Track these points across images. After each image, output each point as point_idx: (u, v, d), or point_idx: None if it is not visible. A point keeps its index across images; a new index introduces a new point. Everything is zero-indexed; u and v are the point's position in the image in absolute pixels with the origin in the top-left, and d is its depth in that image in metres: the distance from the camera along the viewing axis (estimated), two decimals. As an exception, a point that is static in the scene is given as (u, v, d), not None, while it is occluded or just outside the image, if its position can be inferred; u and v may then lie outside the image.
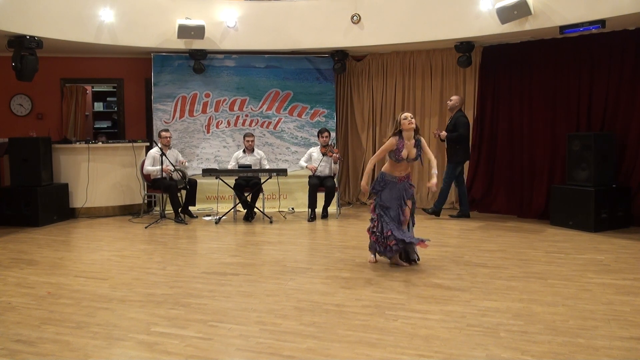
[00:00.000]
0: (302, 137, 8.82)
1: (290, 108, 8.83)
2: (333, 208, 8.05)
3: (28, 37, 6.94)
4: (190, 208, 8.08)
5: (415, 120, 5.02)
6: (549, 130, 7.57)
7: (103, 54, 8.77)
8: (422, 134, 5.14)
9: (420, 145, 5.00)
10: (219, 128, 8.76)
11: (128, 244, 6.25)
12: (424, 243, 4.98)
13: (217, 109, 8.74)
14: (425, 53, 8.67)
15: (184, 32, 7.86)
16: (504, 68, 7.99)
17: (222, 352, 3.22)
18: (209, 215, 8.06)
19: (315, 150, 8.00)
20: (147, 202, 8.11)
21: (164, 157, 7.44)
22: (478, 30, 7.40)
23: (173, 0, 8.09)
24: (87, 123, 10.11)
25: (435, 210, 7.64)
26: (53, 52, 8.13)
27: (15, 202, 7.38)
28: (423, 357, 3.10)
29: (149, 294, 4.29)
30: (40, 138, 7.62)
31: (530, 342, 3.27)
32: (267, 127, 8.81)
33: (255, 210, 7.79)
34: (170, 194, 7.62)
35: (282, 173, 7.44)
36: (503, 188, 8.06)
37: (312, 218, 7.68)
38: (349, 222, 7.57)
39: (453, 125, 7.57)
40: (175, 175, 7.74)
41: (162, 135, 7.84)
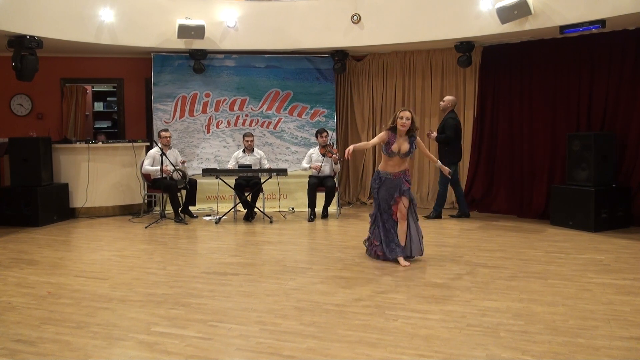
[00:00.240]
0: (302, 137, 8.82)
1: (291, 108, 8.83)
2: (333, 208, 8.05)
3: (28, 37, 6.95)
4: (191, 208, 8.08)
5: (415, 118, 5.08)
6: (549, 130, 7.57)
7: (103, 54, 8.78)
8: (418, 134, 5.22)
9: (415, 143, 5.09)
10: (219, 128, 8.76)
11: (128, 244, 6.25)
12: (405, 262, 5.06)
13: (217, 109, 8.74)
14: (425, 53, 8.67)
15: (184, 32, 7.86)
16: (504, 68, 7.99)
17: (222, 352, 3.22)
18: (209, 215, 8.06)
19: (315, 152, 7.98)
20: (147, 202, 8.11)
21: (164, 157, 7.45)
22: (478, 30, 7.40)
23: (173, 0, 8.09)
24: (87, 123, 10.12)
25: (436, 215, 7.65)
26: (53, 52, 8.13)
27: (15, 202, 7.38)
28: (423, 357, 3.10)
29: (149, 294, 4.29)
30: (40, 138, 7.62)
31: (530, 342, 3.27)
32: (267, 127, 8.81)
33: (256, 210, 7.79)
34: (170, 194, 7.62)
35: (282, 173, 7.44)
36: (503, 188, 8.07)
37: (312, 218, 7.68)
38: (349, 222, 7.57)
39: (442, 127, 7.59)
40: (176, 175, 7.74)
41: (161, 135, 7.84)
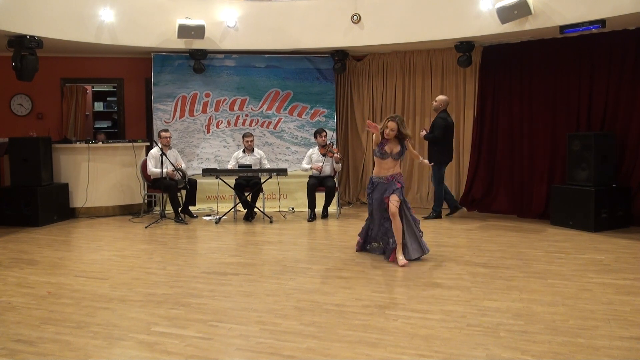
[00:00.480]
0: (302, 137, 8.82)
1: (291, 108, 8.83)
2: (333, 208, 8.05)
3: (28, 37, 6.94)
4: (191, 208, 8.08)
5: (404, 127, 5.17)
6: (549, 130, 7.57)
7: (103, 54, 8.77)
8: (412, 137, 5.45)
9: (405, 143, 5.23)
10: (219, 128, 8.76)
11: (128, 244, 6.25)
12: (403, 260, 5.07)
13: (217, 109, 8.74)
14: (425, 53, 8.67)
15: (184, 32, 7.86)
16: (504, 68, 7.99)
17: (222, 352, 3.22)
18: (209, 215, 8.06)
19: (315, 152, 7.97)
20: (147, 202, 8.11)
21: (164, 157, 7.45)
22: (478, 30, 7.40)
23: (173, 0, 8.09)
24: (87, 123, 10.11)
25: (436, 215, 7.65)
26: (53, 52, 8.13)
27: (15, 202, 7.38)
28: (423, 357, 3.10)
29: (149, 294, 4.29)
30: (40, 138, 7.62)
31: (530, 342, 3.27)
32: (267, 127, 8.81)
33: (256, 210, 7.79)
34: (170, 194, 7.62)
35: (282, 173, 7.44)
36: (503, 188, 8.06)
37: (311, 218, 7.68)
38: (349, 222, 7.57)
39: (432, 127, 7.58)
40: (176, 175, 7.74)
41: (162, 136, 7.84)
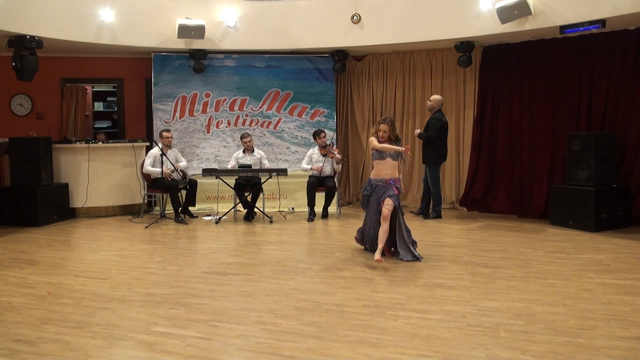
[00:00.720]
0: (302, 137, 8.82)
1: (291, 108, 8.83)
2: (333, 208, 8.05)
3: (28, 37, 6.94)
4: (191, 208, 8.07)
5: (394, 128, 5.33)
6: (549, 130, 7.57)
7: (103, 54, 8.77)
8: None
9: (401, 143, 5.34)
10: (219, 128, 8.76)
11: (128, 244, 6.25)
12: (378, 256, 5.08)
13: (217, 109, 8.74)
14: (425, 53, 8.66)
15: (184, 32, 7.86)
16: (504, 68, 7.99)
17: (222, 352, 3.22)
18: (209, 215, 8.06)
19: (315, 152, 7.97)
20: (147, 202, 8.11)
21: (164, 157, 7.44)
22: (478, 30, 7.40)
23: (173, 0, 8.09)
24: (87, 123, 10.11)
25: (436, 215, 7.65)
26: (53, 52, 8.12)
27: (15, 202, 7.38)
28: (423, 357, 3.10)
29: (149, 294, 4.29)
30: (40, 138, 7.62)
31: (530, 342, 3.28)
32: (267, 127, 8.80)
33: (256, 210, 7.79)
34: (171, 194, 7.62)
35: (282, 173, 7.43)
36: (503, 188, 8.06)
37: (311, 218, 7.68)
38: (349, 222, 7.57)
39: (427, 127, 7.59)
40: (176, 175, 7.74)
41: (163, 136, 7.84)
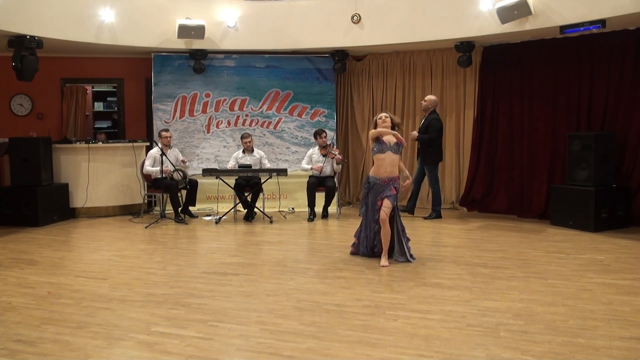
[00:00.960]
0: (302, 137, 8.82)
1: (291, 108, 8.82)
2: (333, 208, 8.05)
3: (28, 37, 6.94)
4: (191, 208, 8.07)
5: (393, 117, 5.31)
6: (549, 130, 7.56)
7: (103, 54, 8.77)
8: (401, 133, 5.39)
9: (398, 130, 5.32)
10: (219, 128, 8.76)
11: (128, 244, 6.25)
12: (385, 262, 5.08)
13: (217, 109, 8.74)
14: (425, 53, 8.66)
15: (184, 32, 7.86)
16: (504, 68, 7.99)
17: (222, 352, 3.22)
18: (209, 215, 8.06)
19: (315, 152, 7.97)
20: (147, 202, 8.11)
21: (164, 157, 7.44)
22: (478, 30, 7.39)
23: (173, 0, 8.08)
24: (87, 123, 10.12)
25: (436, 215, 7.66)
26: (53, 52, 8.12)
27: (15, 202, 7.38)
28: (423, 357, 3.10)
29: (149, 294, 4.29)
30: (40, 138, 7.62)
31: (530, 342, 3.27)
32: (267, 127, 8.80)
33: (256, 210, 7.79)
34: (171, 194, 7.62)
35: (282, 173, 7.44)
36: (503, 188, 8.06)
37: (311, 218, 7.68)
38: (349, 222, 7.56)
39: (426, 127, 7.57)
40: (176, 175, 7.74)
41: (162, 135, 7.84)
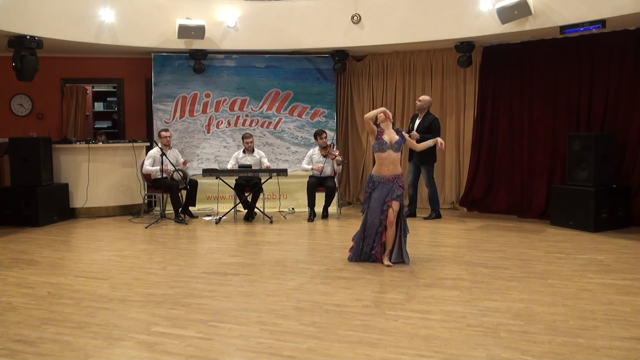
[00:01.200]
0: (302, 137, 8.82)
1: (291, 108, 8.82)
2: (333, 208, 8.05)
3: (28, 37, 6.94)
4: (191, 208, 8.07)
5: (396, 125, 5.26)
6: (549, 130, 7.57)
7: (103, 54, 8.77)
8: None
9: (402, 134, 5.25)
10: (219, 128, 8.76)
11: (128, 244, 6.25)
12: (388, 262, 5.07)
13: (217, 109, 8.74)
14: (425, 53, 8.66)
15: (184, 32, 7.86)
16: (504, 68, 7.99)
17: (222, 352, 3.22)
18: (209, 215, 8.06)
19: (316, 152, 7.97)
20: (147, 202, 8.11)
21: (164, 157, 7.45)
22: (478, 30, 7.39)
23: (173, 0, 8.09)
24: (87, 123, 10.11)
25: (436, 215, 7.67)
26: (53, 52, 8.12)
27: (15, 202, 7.38)
28: (423, 357, 3.10)
29: (149, 294, 4.29)
30: (40, 138, 7.62)
31: (530, 342, 3.27)
32: (267, 127, 8.80)
33: (256, 211, 7.79)
34: (171, 194, 7.62)
35: (282, 173, 7.44)
36: (503, 188, 8.06)
37: (311, 218, 7.68)
38: (349, 222, 7.56)
39: (426, 128, 7.51)
40: (176, 175, 7.74)
41: (162, 135, 7.84)
